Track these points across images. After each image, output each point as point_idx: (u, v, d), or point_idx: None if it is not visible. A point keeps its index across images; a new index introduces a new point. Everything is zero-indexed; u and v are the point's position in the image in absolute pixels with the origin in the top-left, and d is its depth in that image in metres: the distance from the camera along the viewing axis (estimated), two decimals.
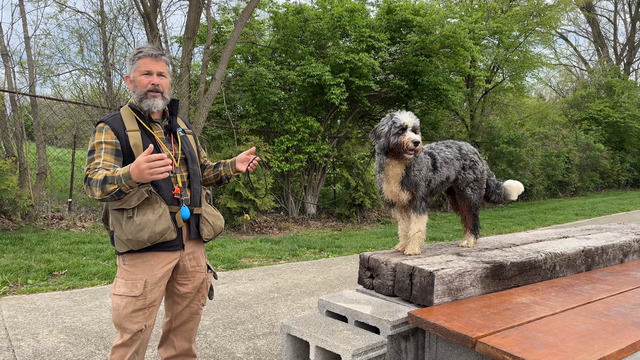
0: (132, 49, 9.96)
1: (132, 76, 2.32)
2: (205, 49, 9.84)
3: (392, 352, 2.16)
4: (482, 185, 2.99)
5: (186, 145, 2.41)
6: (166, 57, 2.38)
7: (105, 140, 2.21)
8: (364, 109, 11.92)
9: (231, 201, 8.99)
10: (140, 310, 2.24)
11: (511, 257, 2.67)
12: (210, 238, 2.46)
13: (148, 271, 2.25)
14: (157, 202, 2.22)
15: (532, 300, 2.36)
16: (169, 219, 2.23)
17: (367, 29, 10.58)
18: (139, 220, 2.18)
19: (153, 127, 2.34)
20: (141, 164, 1.94)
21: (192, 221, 2.38)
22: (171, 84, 2.50)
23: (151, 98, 2.27)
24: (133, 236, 2.19)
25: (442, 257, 2.58)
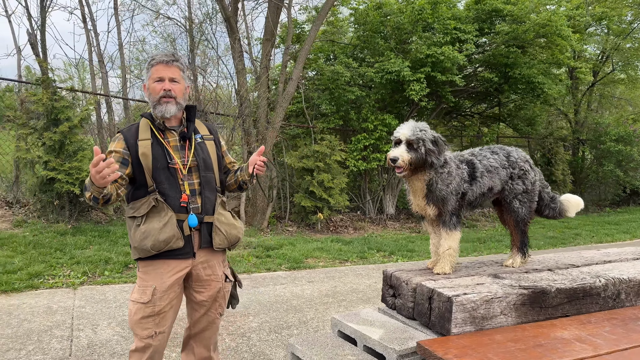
0: (214, 53, 10.41)
1: (147, 84, 2.34)
2: (286, 49, 9.98)
3: None
4: (532, 197, 2.64)
5: (201, 151, 2.38)
6: (179, 62, 2.35)
7: (114, 149, 2.27)
8: (449, 104, 11.36)
9: (306, 200, 9.04)
10: (150, 317, 2.25)
11: (560, 281, 2.31)
12: (222, 247, 2.40)
13: (158, 278, 2.26)
14: (163, 210, 2.23)
15: (575, 335, 2.02)
16: (175, 227, 2.22)
17: (452, 20, 10.04)
18: (144, 228, 2.21)
19: (168, 134, 2.35)
20: (91, 170, 1.94)
21: (204, 229, 2.34)
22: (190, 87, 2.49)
23: (164, 104, 2.27)
24: (138, 244, 2.22)
25: (474, 278, 2.31)
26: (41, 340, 3.58)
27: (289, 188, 9.72)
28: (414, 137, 2.27)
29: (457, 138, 13.75)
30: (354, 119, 10.45)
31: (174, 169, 2.30)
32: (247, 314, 4.34)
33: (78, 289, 4.85)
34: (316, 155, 9.21)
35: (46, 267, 5.33)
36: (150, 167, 2.28)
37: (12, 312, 4.14)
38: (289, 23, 10.00)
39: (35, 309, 4.22)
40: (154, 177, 2.28)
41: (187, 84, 2.40)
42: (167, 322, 2.33)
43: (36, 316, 4.06)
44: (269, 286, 5.30)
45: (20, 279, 4.90)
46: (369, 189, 11.11)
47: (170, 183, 2.29)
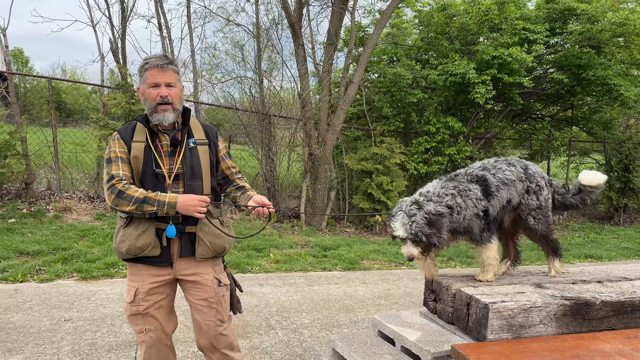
0: (278, 56, 10.74)
1: (142, 88, 2.29)
2: (348, 52, 10.11)
3: None
4: (547, 213, 2.60)
5: (190, 158, 2.31)
6: (174, 65, 2.29)
7: (119, 150, 2.26)
8: (516, 107, 11.00)
9: (364, 202, 9.13)
10: (136, 315, 2.32)
11: (607, 294, 2.27)
12: (206, 257, 2.34)
13: (140, 280, 2.31)
14: (144, 216, 2.20)
15: (617, 349, 1.99)
16: (153, 235, 2.23)
17: (521, 20, 9.73)
18: (123, 232, 2.25)
19: (161, 137, 2.31)
20: (192, 200, 2.13)
21: (185, 239, 2.30)
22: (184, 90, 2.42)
23: (161, 112, 2.23)
24: (116, 246, 2.27)
25: (516, 287, 2.32)
26: (114, 324, 3.96)
27: (348, 190, 9.85)
28: (411, 235, 2.27)
29: (527, 142, 13.25)
30: (416, 121, 10.40)
31: (161, 175, 2.27)
32: (300, 311, 4.52)
33: None
34: (375, 158, 9.26)
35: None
36: (140, 171, 2.26)
37: (90, 297, 4.59)
38: (352, 27, 10.12)
39: (110, 296, 4.64)
40: (142, 181, 2.27)
41: (182, 86, 2.35)
42: (156, 322, 2.34)
43: (110, 302, 4.46)
44: (324, 285, 5.46)
45: (98, 268, 5.39)
46: None
47: (154, 190, 2.24)
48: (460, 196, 2.41)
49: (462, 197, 2.41)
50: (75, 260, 5.61)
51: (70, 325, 3.89)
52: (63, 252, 5.79)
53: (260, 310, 4.47)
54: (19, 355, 3.31)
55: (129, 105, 7.45)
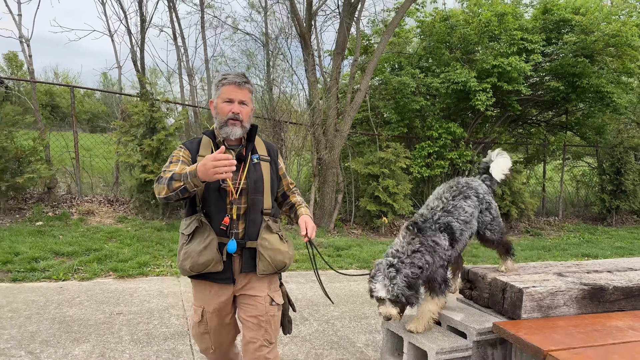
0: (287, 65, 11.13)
1: (215, 102, 2.33)
2: (354, 61, 10.52)
3: (477, 357, 2.43)
4: (499, 222, 2.88)
5: (254, 173, 2.35)
6: (250, 84, 2.34)
7: (182, 154, 2.32)
8: (514, 113, 11.48)
9: (371, 204, 9.53)
10: (205, 333, 2.39)
11: (617, 281, 2.69)
12: (267, 273, 2.32)
13: (205, 301, 2.34)
14: (206, 231, 2.23)
15: (628, 325, 2.40)
16: (215, 250, 2.22)
17: (519, 31, 10.20)
18: (186, 248, 2.25)
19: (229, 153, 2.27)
20: (207, 162, 1.96)
21: (246, 254, 2.31)
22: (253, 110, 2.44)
23: (230, 126, 2.27)
24: (180, 264, 2.29)
25: (541, 275, 2.73)
26: (162, 317, 4.31)
27: (355, 193, 10.24)
28: (393, 296, 2.41)
29: (523, 146, 13.75)
30: (419, 127, 10.83)
31: (224, 190, 2.27)
32: (328, 304, 4.90)
33: (180, 277, 5.60)
34: (381, 162, 9.67)
35: (151, 257, 6.16)
36: (203, 186, 2.24)
37: (132, 293, 4.93)
38: (358, 36, 10.54)
39: (150, 292, 4.99)
40: (204, 196, 2.27)
41: (252, 106, 2.39)
42: (223, 340, 2.41)
43: (153, 298, 4.81)
44: (343, 282, 5.84)
45: (132, 267, 5.73)
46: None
47: (217, 205, 2.27)
48: (429, 253, 2.50)
49: (430, 254, 2.50)
50: (108, 260, 5.94)
51: (123, 318, 4.24)
52: (96, 253, 6.12)
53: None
54: (86, 344, 3.66)
55: (150, 113, 7.79)
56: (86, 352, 3.52)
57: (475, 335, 2.42)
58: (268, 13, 10.61)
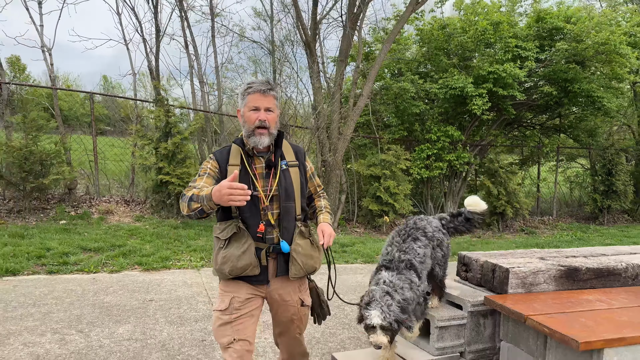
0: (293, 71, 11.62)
1: (242, 111, 2.39)
2: (356, 67, 11.03)
3: (471, 324, 2.92)
4: (447, 259, 3.02)
5: (284, 180, 2.41)
6: (275, 91, 2.39)
7: (210, 167, 2.39)
8: (509, 116, 11.98)
9: (373, 204, 10.03)
10: (227, 323, 2.35)
11: (590, 263, 3.18)
12: (298, 277, 2.43)
13: (236, 290, 2.38)
14: (244, 237, 2.31)
15: (597, 298, 2.90)
16: (253, 255, 2.30)
17: (513, 38, 10.71)
18: (224, 252, 2.32)
19: (256, 160, 2.40)
20: (223, 189, 2.01)
21: (280, 259, 2.40)
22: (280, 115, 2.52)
23: (258, 135, 2.32)
24: (218, 267, 2.36)
25: (526, 259, 3.22)
26: (190, 303, 4.79)
27: (357, 193, 10.74)
28: (388, 323, 2.44)
29: (518, 148, 14.26)
30: (418, 130, 11.33)
31: (257, 198, 2.33)
32: (338, 292, 5.37)
33: (201, 270, 6.09)
34: (383, 164, 10.17)
35: (171, 253, 6.64)
36: None
37: (160, 284, 5.41)
38: (360, 44, 11.04)
39: (175, 283, 5.47)
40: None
41: (279, 111, 2.44)
42: (247, 332, 2.38)
43: (179, 287, 5.29)
44: (350, 274, 6.32)
45: (155, 261, 6.21)
46: (430, 195, 11.91)
47: (252, 212, 2.33)
48: (409, 289, 2.60)
49: (410, 290, 2.61)
50: (132, 255, 6.42)
51: (155, 304, 4.72)
52: (120, 249, 6.60)
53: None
54: (128, 325, 4.14)
55: (166, 118, 8.27)
56: (129, 331, 4.00)
57: (470, 307, 2.90)
58: (274, 22, 11.11)
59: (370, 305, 2.51)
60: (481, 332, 2.98)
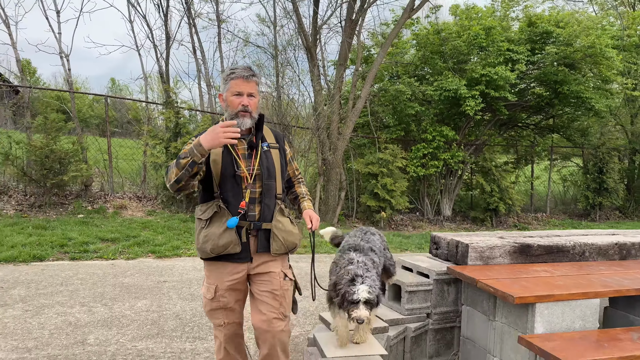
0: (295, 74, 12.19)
1: (224, 96, 2.45)
2: (355, 70, 11.58)
3: (437, 290, 3.47)
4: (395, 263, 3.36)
5: (266, 160, 2.50)
6: (257, 77, 2.48)
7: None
8: (502, 117, 12.48)
9: (371, 200, 10.57)
10: (217, 309, 2.49)
11: (542, 241, 3.72)
12: (279, 253, 2.50)
13: (219, 279, 2.46)
14: (224, 216, 2.38)
15: (544, 269, 3.44)
16: (234, 233, 2.37)
17: (506, 42, 11.22)
18: (205, 232, 2.40)
19: (238, 142, 2.45)
20: (217, 128, 2.15)
21: (261, 235, 2.47)
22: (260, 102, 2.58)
23: (241, 117, 2.40)
24: (200, 246, 2.43)
25: (487, 237, 3.77)
26: (199, 283, 5.36)
27: (356, 190, 11.29)
28: (374, 296, 2.51)
29: (513, 148, 14.75)
30: (414, 130, 11.86)
31: (239, 177, 2.42)
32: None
33: None
34: (380, 162, 10.72)
35: (181, 242, 7.22)
36: (219, 174, 2.40)
37: (172, 269, 5.99)
38: (359, 49, 11.61)
39: (185, 268, 6.05)
40: (220, 184, 2.41)
41: (259, 97, 2.53)
42: (235, 314, 2.53)
43: (189, 271, 5.87)
44: None
45: (167, 250, 6.79)
46: (427, 192, 12.44)
47: (234, 191, 2.40)
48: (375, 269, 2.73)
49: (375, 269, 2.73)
50: (146, 244, 7.01)
51: (168, 284, 5.30)
52: (134, 239, 7.19)
53: (303, 276, 5.88)
54: (145, 300, 4.72)
55: (176, 119, 8.87)
56: (147, 305, 4.58)
57: (435, 275, 3.45)
58: (277, 27, 11.68)
59: (355, 281, 2.52)
60: (445, 297, 3.53)
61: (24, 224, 7.55)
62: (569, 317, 2.92)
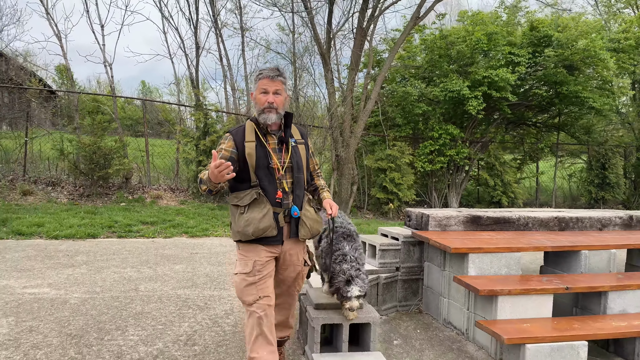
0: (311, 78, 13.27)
1: (254, 94, 2.71)
2: (367, 74, 12.61)
3: (404, 250, 4.50)
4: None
5: (295, 154, 2.75)
6: (282, 76, 2.70)
7: (224, 148, 2.67)
8: (508, 116, 13.29)
9: (380, 193, 11.58)
10: (252, 284, 2.66)
11: (492, 214, 4.71)
12: (306, 238, 2.80)
13: (256, 254, 2.69)
14: (263, 203, 2.63)
15: (488, 234, 4.43)
16: (272, 218, 2.63)
17: (508, 46, 12.05)
18: (247, 216, 2.61)
19: (269, 138, 2.72)
20: (212, 170, 2.34)
21: (292, 222, 2.75)
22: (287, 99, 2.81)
23: (267, 113, 2.64)
24: (242, 229, 2.63)
25: (446, 211, 4.78)
26: (225, 255, 6.50)
27: (367, 184, 12.31)
28: (363, 292, 3.11)
29: (519, 145, 15.50)
30: (422, 128, 12.80)
31: (272, 168, 2.66)
32: None
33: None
34: (389, 158, 11.71)
35: (209, 226, 8.40)
36: (254, 166, 2.63)
37: (202, 245, 7.16)
38: (370, 54, 12.61)
39: (213, 244, 7.21)
40: (256, 174, 2.64)
41: (287, 95, 2.75)
42: (268, 289, 2.71)
43: (216, 247, 7.03)
44: None
45: (198, 231, 7.97)
46: (435, 186, 13.36)
47: (269, 180, 2.64)
48: (361, 254, 3.31)
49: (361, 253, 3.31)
50: (180, 227, 8.21)
51: (199, 255, 6.46)
52: (170, 222, 8.40)
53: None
54: (181, 265, 5.88)
55: (205, 120, 10.07)
56: (182, 267, 5.74)
57: (403, 238, 4.47)
58: (295, 35, 12.81)
59: (350, 284, 3.06)
60: (412, 256, 4.55)
61: (77, 210, 8.87)
62: (496, 265, 3.92)
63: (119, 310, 4.21)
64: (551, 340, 3.26)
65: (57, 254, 6.22)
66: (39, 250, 6.35)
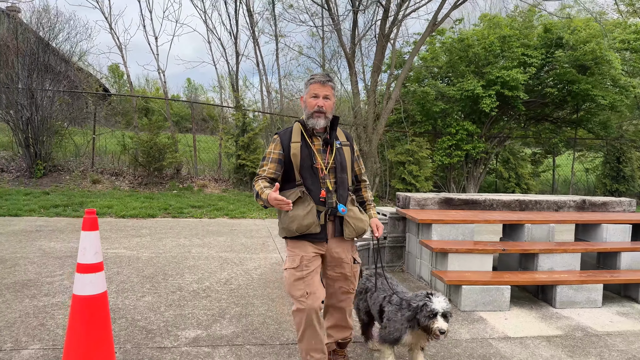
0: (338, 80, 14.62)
1: (305, 97, 2.81)
2: (389, 75, 13.83)
3: (391, 223, 5.84)
4: None
5: (339, 156, 2.82)
6: (332, 82, 2.80)
7: (273, 151, 2.80)
8: (522, 112, 14.19)
9: (399, 184, 12.83)
10: (300, 279, 2.70)
11: (462, 197, 5.97)
12: (351, 237, 2.81)
13: (303, 250, 2.75)
14: (307, 201, 2.72)
15: (456, 211, 5.70)
16: (315, 215, 2.70)
17: (521, 48, 12.97)
18: (291, 213, 2.70)
19: (314, 139, 2.81)
20: (271, 200, 2.48)
21: (337, 221, 2.79)
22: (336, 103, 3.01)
23: (315, 118, 2.74)
24: (286, 225, 2.74)
25: (425, 194, 6.07)
26: (258, 231, 8.00)
27: (389, 176, 13.57)
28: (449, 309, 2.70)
29: (536, 139, 16.30)
30: (441, 125, 13.92)
31: (316, 168, 2.73)
32: None
33: (265, 219, 9.32)
34: (408, 152, 12.93)
35: (246, 210, 9.95)
36: (299, 166, 2.73)
37: (240, 224, 8.70)
38: (393, 56, 13.82)
39: (249, 224, 8.73)
40: (301, 173, 2.74)
41: (334, 100, 2.83)
42: (315, 285, 2.71)
43: (251, 225, 8.55)
44: None
45: (237, 213, 9.53)
46: (453, 178, 14.45)
47: (313, 180, 2.72)
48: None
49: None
50: (222, 210, 9.80)
51: (237, 231, 8.00)
52: (214, 206, 10.01)
53: None
54: (223, 237, 7.42)
55: (243, 119, 11.63)
56: (224, 239, 7.28)
57: (389, 215, 5.80)
58: (324, 41, 14.19)
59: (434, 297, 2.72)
60: (397, 228, 5.86)
61: (137, 196, 10.63)
62: (454, 233, 5.20)
63: (177, 263, 5.77)
64: (483, 283, 4.55)
65: (125, 228, 7.90)
66: (111, 226, 8.05)
